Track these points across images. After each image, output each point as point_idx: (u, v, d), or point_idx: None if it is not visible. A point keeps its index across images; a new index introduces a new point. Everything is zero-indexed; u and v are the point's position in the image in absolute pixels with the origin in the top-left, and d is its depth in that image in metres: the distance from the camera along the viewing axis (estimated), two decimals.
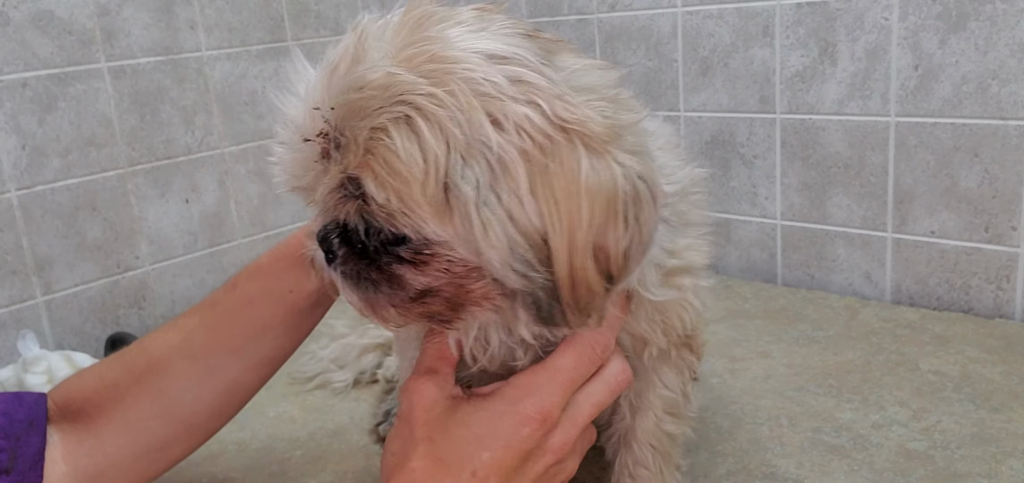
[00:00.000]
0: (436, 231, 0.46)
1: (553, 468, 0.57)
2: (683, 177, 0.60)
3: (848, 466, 0.80)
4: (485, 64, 0.46)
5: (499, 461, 0.54)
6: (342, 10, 1.53)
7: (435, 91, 0.44)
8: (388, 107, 0.45)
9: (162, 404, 0.72)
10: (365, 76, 0.46)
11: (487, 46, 0.46)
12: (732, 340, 1.10)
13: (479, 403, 0.56)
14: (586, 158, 0.46)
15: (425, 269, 0.49)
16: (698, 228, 0.62)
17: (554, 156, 0.45)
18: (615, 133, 0.47)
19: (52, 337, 1.24)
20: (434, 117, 0.44)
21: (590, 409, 0.58)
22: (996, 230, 1.09)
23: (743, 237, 1.35)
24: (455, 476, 0.53)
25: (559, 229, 0.46)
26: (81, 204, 1.25)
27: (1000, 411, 0.87)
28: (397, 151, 0.44)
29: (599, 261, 0.47)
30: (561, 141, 0.45)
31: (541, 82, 0.46)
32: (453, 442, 0.54)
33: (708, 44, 1.30)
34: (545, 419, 0.55)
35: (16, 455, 0.67)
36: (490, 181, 0.45)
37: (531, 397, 0.55)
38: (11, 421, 0.69)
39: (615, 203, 0.47)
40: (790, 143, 1.25)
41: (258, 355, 0.74)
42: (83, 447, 0.71)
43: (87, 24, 1.23)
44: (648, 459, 0.69)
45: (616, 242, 0.47)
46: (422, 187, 0.44)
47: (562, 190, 0.45)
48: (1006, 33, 1.02)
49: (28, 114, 1.19)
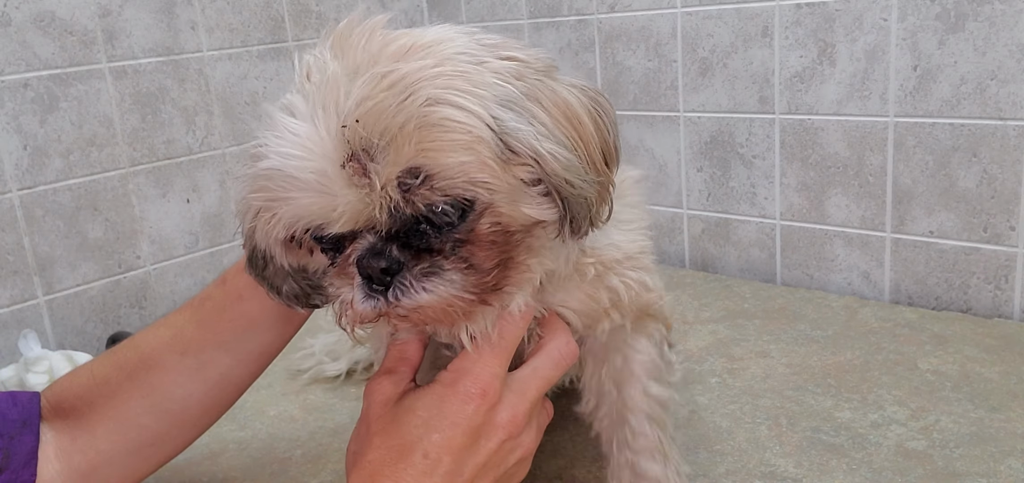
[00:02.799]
0: (503, 183, 0.50)
1: (508, 444, 0.59)
2: None
3: (847, 465, 0.80)
4: (456, 37, 0.51)
5: (449, 441, 0.56)
6: (342, 10, 1.53)
7: (440, 69, 0.48)
8: (409, 98, 0.47)
9: (153, 400, 0.72)
10: (365, 91, 0.48)
11: (441, 30, 0.52)
12: (731, 340, 1.11)
13: (424, 390, 0.58)
14: (562, 86, 0.53)
15: (484, 240, 0.52)
16: (629, 224, 0.66)
17: (537, 91, 0.51)
18: (553, 65, 0.55)
19: (53, 337, 1.25)
20: (455, 87, 0.48)
21: (537, 382, 0.61)
22: (995, 230, 1.09)
23: (742, 237, 1.35)
24: (408, 459, 0.55)
25: (578, 143, 0.52)
26: (82, 204, 1.26)
27: (998, 410, 0.87)
28: (450, 125, 0.47)
29: (606, 156, 0.54)
30: (532, 77, 0.52)
31: (493, 39, 0.52)
32: (403, 429, 0.57)
33: (707, 44, 1.30)
34: (485, 393, 0.57)
35: (10, 454, 0.68)
36: (529, 120, 0.50)
37: (467, 375, 0.58)
38: (5, 420, 0.69)
39: (591, 114, 0.54)
40: (789, 143, 1.25)
41: (248, 349, 0.75)
42: (76, 445, 0.71)
43: (88, 25, 1.23)
44: (645, 428, 0.70)
45: (606, 139, 0.54)
46: (486, 145, 0.48)
47: (561, 115, 0.52)
48: (1005, 34, 1.03)
49: (30, 114, 1.19)
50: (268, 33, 1.44)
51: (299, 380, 1.11)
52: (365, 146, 0.47)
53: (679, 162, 1.39)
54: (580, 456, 0.86)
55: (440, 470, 0.55)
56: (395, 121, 0.47)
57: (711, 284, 1.32)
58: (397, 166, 0.47)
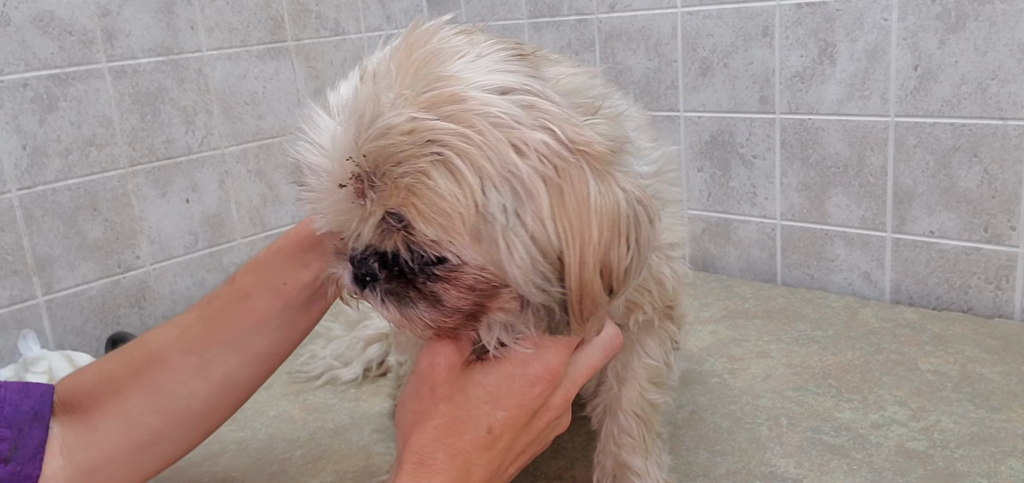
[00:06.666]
0: (473, 255, 0.51)
1: (553, 422, 0.62)
2: (659, 157, 0.64)
3: (847, 466, 0.80)
4: (498, 98, 0.49)
5: (512, 419, 0.58)
6: (342, 10, 1.53)
7: (463, 130, 0.48)
8: (421, 150, 0.48)
9: (157, 398, 0.72)
10: (391, 123, 0.49)
11: (493, 79, 0.50)
12: (732, 340, 1.11)
13: (493, 366, 0.59)
14: (593, 180, 0.50)
15: (458, 286, 0.53)
16: (674, 205, 0.66)
17: (567, 178, 0.49)
18: (615, 152, 0.51)
19: (53, 337, 1.25)
20: (466, 155, 0.48)
21: (587, 370, 0.63)
22: (995, 230, 1.09)
23: (743, 237, 1.35)
24: (472, 433, 0.57)
25: (573, 247, 0.50)
26: (82, 204, 1.26)
27: (999, 411, 0.87)
28: (439, 190, 0.48)
29: (604, 277, 0.52)
30: (572, 162, 0.49)
31: (551, 107, 0.50)
32: (470, 401, 0.58)
33: (708, 44, 1.30)
34: (553, 379, 0.59)
35: (17, 446, 0.68)
36: (516, 207, 0.49)
37: (539, 359, 0.59)
38: (16, 411, 0.69)
39: (619, 225, 0.51)
40: (790, 143, 1.25)
41: (254, 349, 0.74)
42: (80, 441, 0.71)
43: (88, 24, 1.23)
44: (632, 427, 0.74)
45: (619, 260, 0.51)
46: (462, 219, 0.49)
47: (575, 211, 0.49)
48: (1005, 33, 1.02)
49: (29, 114, 1.19)
50: (268, 33, 1.44)
51: (300, 379, 1.11)
52: (367, 175, 0.50)
53: (679, 162, 1.39)
54: (580, 456, 0.85)
55: (499, 445, 0.58)
56: (398, 168, 0.49)
57: (711, 284, 1.32)
58: (385, 205, 0.50)
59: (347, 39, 1.55)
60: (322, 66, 1.51)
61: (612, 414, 0.74)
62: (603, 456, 0.76)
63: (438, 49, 0.52)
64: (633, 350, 0.72)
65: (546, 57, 0.56)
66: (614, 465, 0.75)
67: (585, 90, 0.55)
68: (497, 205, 0.49)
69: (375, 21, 1.59)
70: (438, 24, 0.54)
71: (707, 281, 1.33)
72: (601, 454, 0.76)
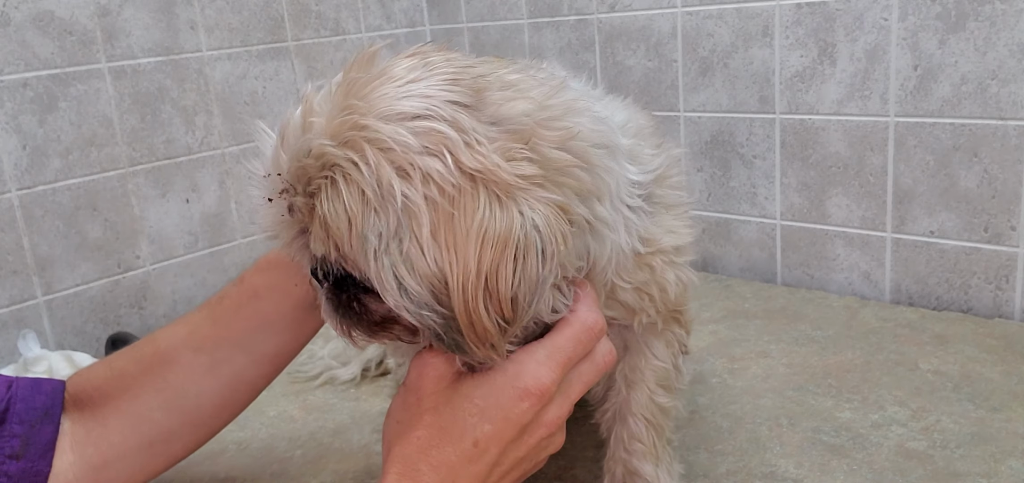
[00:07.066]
0: (364, 273, 0.52)
1: (545, 440, 0.60)
2: (659, 163, 0.64)
3: (847, 466, 0.80)
4: (397, 125, 0.50)
5: (499, 433, 0.57)
6: (342, 10, 1.53)
7: (352, 156, 0.50)
8: (320, 174, 0.51)
9: (166, 396, 0.73)
10: (306, 147, 0.52)
11: (404, 105, 0.51)
12: (732, 340, 1.11)
13: (482, 378, 0.58)
14: (488, 207, 0.50)
15: (374, 300, 0.55)
16: (677, 209, 0.65)
17: (458, 204, 0.50)
18: (531, 177, 0.51)
19: (53, 337, 1.25)
20: (351, 179, 0.50)
21: (580, 387, 0.61)
22: (995, 230, 1.09)
23: (743, 237, 1.35)
24: (457, 445, 0.56)
25: (454, 272, 0.50)
26: (82, 204, 1.26)
27: (999, 411, 0.87)
28: (326, 212, 0.51)
29: (491, 305, 0.51)
30: (468, 189, 0.50)
31: (452, 134, 0.50)
32: (457, 413, 0.57)
33: (708, 44, 1.30)
34: (543, 395, 0.57)
35: (29, 442, 0.68)
36: (395, 230, 0.50)
37: (529, 374, 0.57)
38: (28, 408, 0.70)
39: (507, 251, 0.50)
40: (790, 143, 1.25)
41: (263, 349, 0.75)
42: (90, 437, 0.71)
43: (88, 24, 1.23)
44: (642, 432, 0.73)
45: (504, 288, 0.51)
46: (348, 240, 0.51)
47: (461, 236, 0.50)
48: (1005, 33, 1.02)
49: (29, 114, 1.19)
50: (268, 33, 1.44)
51: (301, 379, 1.11)
52: (290, 192, 0.54)
53: (683, 166, 1.39)
54: (580, 456, 0.85)
55: (486, 459, 0.57)
56: (305, 189, 0.52)
57: (711, 284, 1.32)
58: (299, 222, 0.54)
59: (347, 39, 1.55)
60: (322, 66, 1.51)
61: (622, 419, 0.74)
62: (613, 463, 0.75)
63: (368, 77, 0.53)
64: (641, 353, 0.72)
65: (498, 79, 0.54)
66: (624, 472, 0.74)
67: (534, 113, 0.53)
68: (373, 228, 0.50)
69: (375, 21, 1.59)
70: (376, 50, 0.55)
71: (707, 281, 1.33)
72: (611, 460, 0.75)
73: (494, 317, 0.51)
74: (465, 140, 0.50)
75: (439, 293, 0.50)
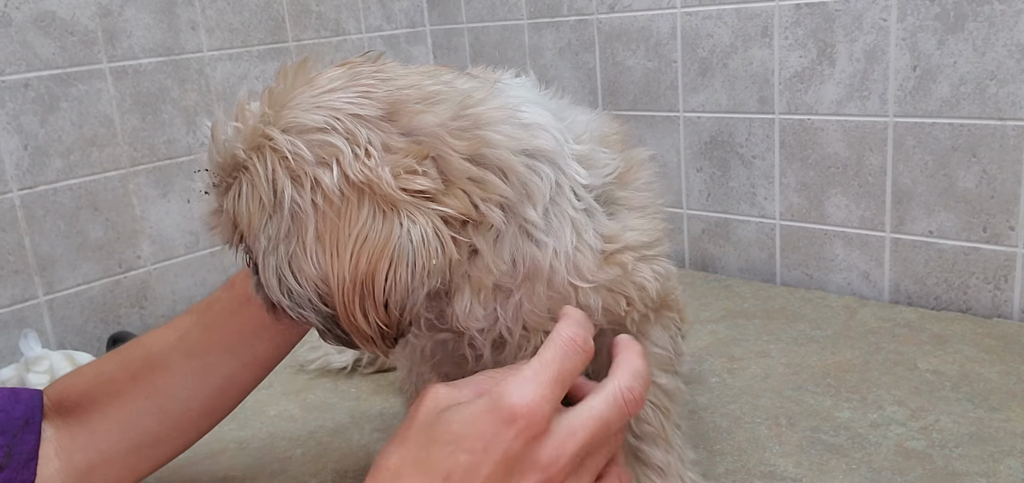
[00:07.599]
0: None
1: None
2: (615, 167, 0.64)
3: (846, 465, 0.80)
4: (295, 136, 0.54)
5: (475, 466, 0.47)
6: (342, 11, 1.53)
7: (255, 163, 0.54)
8: (230, 175, 0.56)
9: (156, 401, 0.72)
10: (223, 148, 0.57)
11: (308, 118, 0.54)
12: (731, 339, 1.11)
13: (469, 404, 0.50)
14: (371, 216, 0.52)
15: None
16: (644, 210, 0.66)
17: (344, 213, 0.53)
18: (407, 195, 0.53)
19: (54, 336, 1.25)
20: (251, 183, 0.55)
21: (592, 424, 0.50)
22: (994, 230, 1.09)
23: (742, 237, 1.36)
24: (427, 477, 0.48)
25: (334, 275, 0.53)
26: (83, 204, 1.26)
27: (998, 410, 0.87)
28: (232, 209, 0.56)
29: (367, 308, 0.54)
30: (354, 199, 0.53)
31: (344, 146, 0.53)
32: (433, 442, 0.49)
33: (707, 45, 1.30)
34: (531, 418, 0.47)
35: (11, 453, 0.68)
36: (284, 233, 0.54)
37: (516, 391, 0.48)
38: (8, 418, 0.69)
39: (382, 261, 0.53)
40: (789, 143, 1.26)
41: (253, 353, 0.75)
42: (77, 442, 0.71)
43: (89, 25, 1.24)
44: (649, 415, 0.72)
45: (379, 294, 0.53)
46: (249, 237, 0.56)
47: (342, 243, 0.53)
48: (1004, 34, 1.03)
49: (30, 114, 1.19)
50: (268, 33, 1.44)
51: (301, 378, 1.12)
52: (215, 187, 0.59)
53: (679, 162, 1.39)
54: None
55: None
56: (220, 187, 0.58)
57: (711, 284, 1.32)
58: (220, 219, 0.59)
59: (347, 40, 1.55)
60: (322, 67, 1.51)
61: None
62: (624, 453, 0.75)
63: (289, 87, 0.57)
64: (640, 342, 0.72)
65: (421, 92, 0.56)
66: (635, 462, 0.74)
67: (446, 124, 0.55)
68: (265, 230, 0.54)
69: (375, 22, 1.59)
70: (305, 60, 0.59)
71: (706, 281, 1.33)
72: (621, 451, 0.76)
73: (372, 319, 0.54)
74: (355, 152, 0.53)
75: (324, 294, 0.54)
